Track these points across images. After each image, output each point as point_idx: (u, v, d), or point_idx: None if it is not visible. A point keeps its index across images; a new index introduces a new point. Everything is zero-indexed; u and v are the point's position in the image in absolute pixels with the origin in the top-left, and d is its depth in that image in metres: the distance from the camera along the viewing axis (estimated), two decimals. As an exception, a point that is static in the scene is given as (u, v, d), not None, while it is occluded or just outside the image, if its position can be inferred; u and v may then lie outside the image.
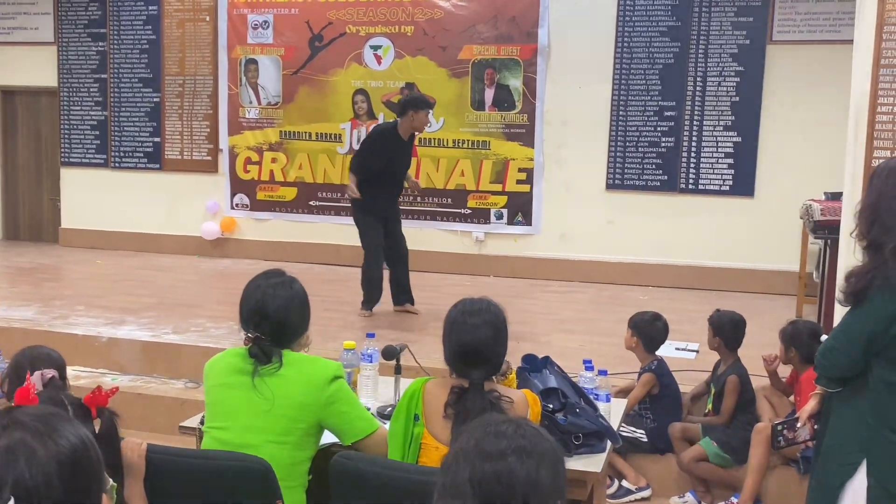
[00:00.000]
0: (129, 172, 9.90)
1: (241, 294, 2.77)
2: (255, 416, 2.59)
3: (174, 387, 5.59)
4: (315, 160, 9.24)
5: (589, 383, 3.13)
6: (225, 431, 2.63)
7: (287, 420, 2.60)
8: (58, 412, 1.51)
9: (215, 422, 2.67)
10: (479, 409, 2.48)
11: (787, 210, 7.81)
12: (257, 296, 2.71)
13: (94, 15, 9.86)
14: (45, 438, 1.40)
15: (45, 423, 1.43)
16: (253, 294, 2.73)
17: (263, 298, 2.70)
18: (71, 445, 1.43)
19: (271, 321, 2.67)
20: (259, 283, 2.75)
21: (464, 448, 1.53)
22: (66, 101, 10.06)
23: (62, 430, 1.43)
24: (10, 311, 6.61)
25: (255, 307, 2.69)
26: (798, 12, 7.90)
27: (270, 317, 2.68)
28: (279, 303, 2.70)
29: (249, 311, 2.71)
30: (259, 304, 2.69)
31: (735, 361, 4.50)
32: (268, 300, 2.70)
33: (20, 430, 1.41)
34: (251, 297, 2.72)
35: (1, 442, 1.39)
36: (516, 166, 8.77)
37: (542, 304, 7.46)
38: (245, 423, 2.61)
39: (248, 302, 2.73)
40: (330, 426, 2.68)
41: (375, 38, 8.95)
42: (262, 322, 2.67)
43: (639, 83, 8.38)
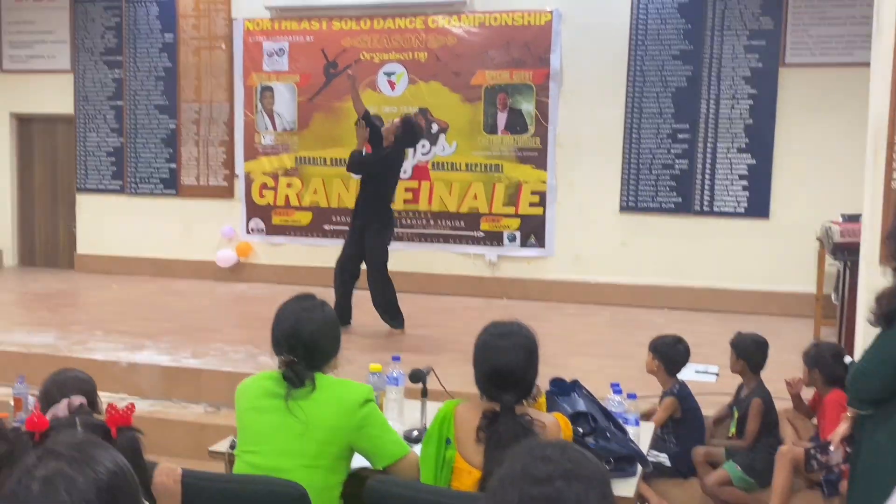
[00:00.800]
0: (144, 198, 9.96)
1: (274, 318, 2.78)
2: (288, 440, 2.61)
3: (194, 411, 5.61)
4: (329, 185, 9.29)
5: (617, 407, 3.13)
6: (257, 455, 2.64)
7: (319, 444, 2.61)
8: (91, 439, 1.50)
9: (247, 446, 2.68)
10: (511, 433, 2.49)
11: (802, 232, 7.82)
12: (291, 319, 2.73)
13: (110, 43, 9.97)
14: (82, 466, 1.40)
15: (81, 450, 1.42)
16: (286, 318, 2.74)
17: (297, 322, 2.72)
18: (109, 472, 1.42)
19: (305, 344, 2.69)
20: (292, 307, 2.77)
21: (510, 473, 1.53)
22: (83, 127, 10.15)
23: (99, 456, 1.43)
24: (29, 336, 6.65)
25: (289, 331, 2.71)
26: (810, 35, 7.95)
27: (304, 340, 2.69)
28: (312, 326, 2.72)
29: (283, 334, 2.72)
30: (293, 327, 2.71)
31: (758, 384, 4.49)
32: (301, 324, 2.72)
33: (56, 459, 1.39)
34: (285, 321, 2.74)
35: (38, 472, 1.38)
36: (529, 189, 8.80)
37: (558, 326, 7.46)
38: (277, 447, 2.62)
39: (281, 325, 2.74)
40: (361, 450, 2.69)
41: (389, 64, 9.03)
42: (295, 345, 2.69)
43: (652, 106, 8.42)
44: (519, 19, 8.65)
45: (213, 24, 9.55)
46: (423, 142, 9.00)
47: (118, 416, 2.21)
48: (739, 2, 8.11)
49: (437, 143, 8.99)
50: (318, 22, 9.18)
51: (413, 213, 9.10)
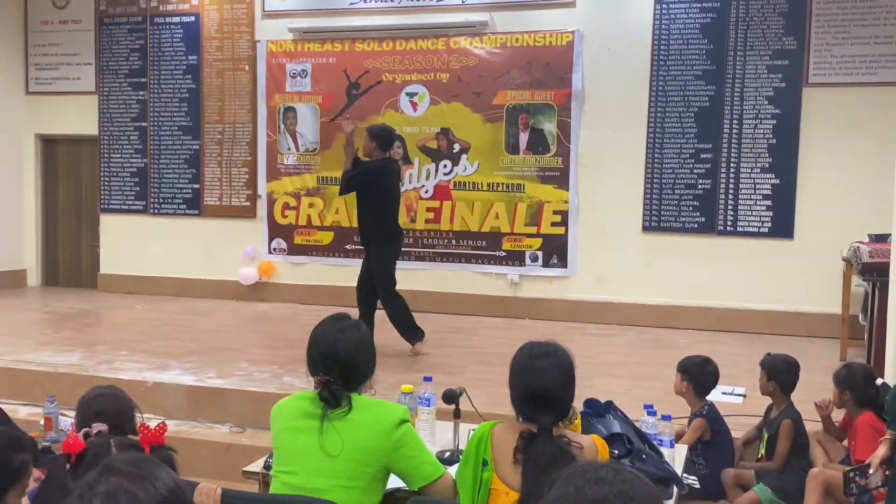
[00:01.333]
0: (167, 218, 10.04)
1: (310, 338, 2.78)
2: (324, 461, 2.60)
3: (219, 431, 5.61)
4: (351, 205, 9.25)
5: (652, 428, 3.11)
6: (294, 476, 2.64)
7: (355, 464, 2.60)
8: (148, 457, 1.53)
9: (284, 466, 2.68)
10: (549, 455, 2.48)
11: (827, 252, 7.78)
12: (328, 339, 2.73)
13: (134, 65, 10.09)
14: (143, 482, 1.43)
15: (140, 467, 1.46)
16: (323, 338, 2.74)
17: (335, 342, 2.72)
18: (168, 489, 1.45)
19: (342, 364, 2.69)
20: (328, 327, 2.77)
21: (564, 495, 1.52)
22: (107, 148, 10.26)
23: (158, 473, 1.46)
24: (55, 356, 6.68)
25: (327, 351, 2.71)
26: (834, 55, 7.93)
27: (341, 360, 2.69)
28: (349, 346, 2.72)
29: (320, 354, 2.72)
30: (330, 347, 2.71)
31: (789, 405, 4.45)
32: (339, 344, 2.72)
33: (116, 475, 1.43)
34: (322, 341, 2.74)
35: (100, 488, 1.41)
36: (551, 209, 8.80)
37: (581, 347, 7.36)
38: (313, 468, 2.61)
39: (318, 346, 2.74)
40: (397, 470, 2.68)
41: (411, 85, 9.08)
42: (333, 365, 2.69)
43: (674, 126, 8.42)
44: (540, 40, 8.69)
45: (237, 46, 9.65)
46: (445, 161, 9.05)
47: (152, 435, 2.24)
48: (762, 22, 8.11)
49: (458, 162, 9.02)
50: (341, 43, 9.26)
51: (435, 232, 9.12)
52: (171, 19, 9.91)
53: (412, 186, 9.14)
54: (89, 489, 1.41)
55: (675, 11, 8.35)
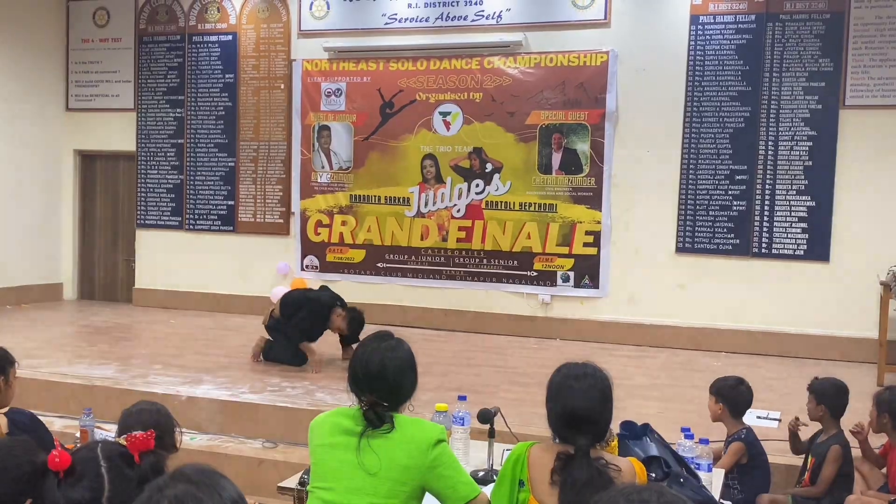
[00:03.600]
0: (202, 234, 10.15)
1: (354, 357, 2.78)
2: (361, 478, 2.60)
3: (251, 446, 5.64)
4: (384, 223, 9.38)
5: (689, 452, 3.08)
6: (330, 492, 2.64)
7: (392, 482, 2.60)
8: (214, 469, 1.56)
9: (320, 482, 2.68)
10: (587, 476, 2.47)
11: (863, 275, 7.69)
12: (375, 359, 2.73)
13: (172, 83, 10.25)
14: (210, 490, 1.48)
15: (208, 476, 1.51)
16: (370, 358, 2.74)
17: (382, 361, 2.72)
18: (232, 498, 1.51)
19: (389, 384, 2.69)
20: (375, 347, 2.77)
21: (607, 516, 1.52)
22: (144, 164, 10.41)
23: (223, 483, 1.51)
24: (91, 369, 6.77)
25: (374, 371, 2.70)
26: (871, 77, 7.86)
27: (389, 380, 2.69)
28: (396, 364, 2.73)
29: (366, 374, 2.71)
30: (378, 367, 2.71)
31: (839, 431, 4.37)
32: (386, 363, 2.72)
33: (185, 482, 1.48)
34: (369, 361, 2.74)
35: (168, 492, 1.47)
36: (583, 229, 8.78)
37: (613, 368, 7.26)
38: (350, 485, 2.62)
39: (365, 365, 2.74)
40: (433, 490, 2.67)
41: (445, 104, 9.13)
42: (380, 385, 2.69)
43: (709, 147, 8.38)
44: (575, 60, 8.70)
45: (273, 65, 9.77)
46: (478, 181, 9.08)
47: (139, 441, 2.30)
48: (798, 44, 8.07)
49: (491, 182, 9.04)
50: (375, 63, 9.34)
51: (466, 251, 9.14)
52: (209, 38, 10.06)
53: (444, 205, 9.18)
54: (158, 491, 1.47)
55: (711, 32, 8.33)
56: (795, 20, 8.09)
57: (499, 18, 8.97)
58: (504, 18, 8.95)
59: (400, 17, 9.29)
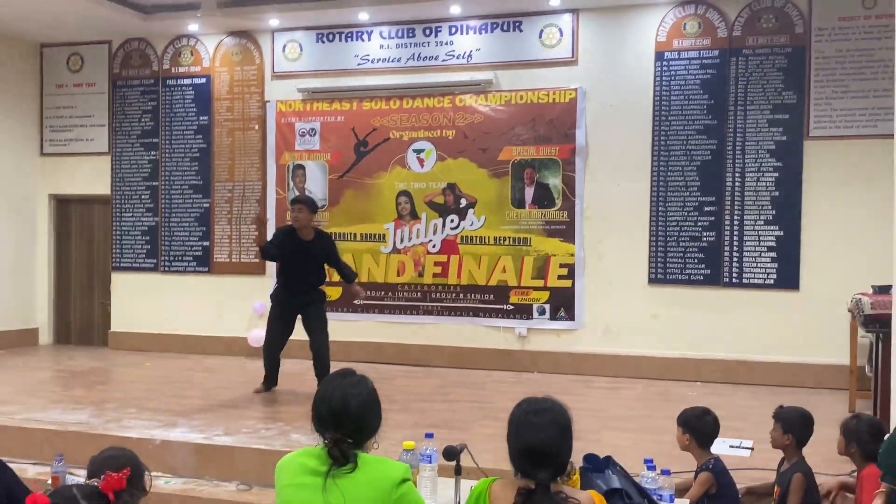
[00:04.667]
0: (178, 276, 10.15)
1: (317, 395, 2.80)
2: (327, 519, 2.62)
3: (226, 489, 5.61)
4: (359, 259, 9.42)
5: (652, 483, 3.11)
6: (296, 534, 2.66)
7: (356, 523, 2.62)
8: None
9: (286, 524, 2.70)
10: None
11: (833, 303, 7.78)
12: (337, 396, 2.74)
13: (146, 126, 10.30)
14: None
15: None
16: (332, 394, 2.76)
17: (344, 398, 2.73)
18: None
19: (353, 421, 2.71)
20: (338, 384, 2.79)
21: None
22: (119, 207, 10.42)
23: None
24: (64, 414, 6.72)
25: (337, 408, 2.71)
26: (834, 108, 8.04)
27: (352, 417, 2.70)
28: (359, 402, 2.74)
29: (330, 412, 2.72)
30: (340, 404, 2.72)
31: (800, 459, 4.42)
32: (349, 400, 2.73)
33: None
34: (331, 398, 2.75)
35: None
36: (557, 262, 8.87)
37: (589, 400, 7.42)
38: (316, 526, 2.63)
39: (327, 403, 2.75)
40: (398, 529, 2.69)
41: (418, 142, 9.24)
42: (344, 422, 2.70)
43: (677, 179, 8.51)
44: (544, 97, 8.85)
45: (247, 107, 9.86)
46: (452, 216, 9.15)
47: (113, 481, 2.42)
48: (762, 77, 8.25)
49: (465, 217, 9.12)
50: (349, 102, 9.45)
51: (442, 286, 9.19)
52: (183, 81, 10.14)
53: (420, 241, 9.25)
54: None
55: (676, 68, 8.50)
56: (758, 54, 8.28)
57: (469, 58, 9.11)
58: (474, 58, 9.10)
59: (372, 57, 9.42)
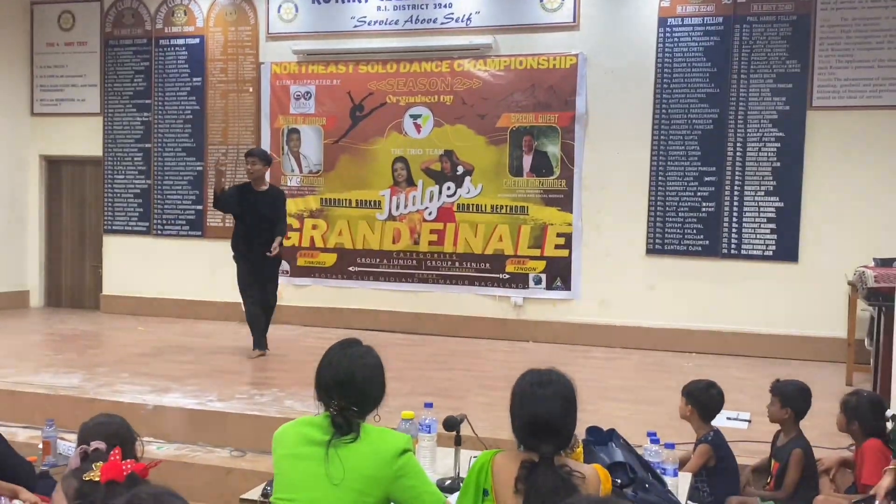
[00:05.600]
0: (170, 240, 10.04)
1: (321, 364, 2.74)
2: (325, 489, 2.57)
3: (219, 455, 5.55)
4: (355, 226, 9.33)
5: (655, 456, 3.06)
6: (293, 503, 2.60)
7: (356, 493, 2.57)
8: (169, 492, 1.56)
9: (284, 493, 2.64)
10: (551, 484, 2.44)
11: (832, 275, 7.75)
12: (344, 364, 2.70)
13: (139, 86, 10.13)
14: None
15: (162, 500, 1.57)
16: (339, 363, 2.71)
17: (351, 367, 2.69)
18: None
19: (358, 389, 2.66)
20: (345, 352, 2.75)
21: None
22: (111, 169, 10.28)
23: None
24: (56, 378, 6.65)
25: (343, 377, 2.67)
26: (838, 78, 7.93)
27: (357, 385, 2.67)
28: (366, 372, 2.70)
29: (336, 380, 2.68)
30: (347, 373, 2.68)
31: (798, 433, 4.39)
32: (355, 369, 2.69)
33: None
34: (337, 366, 2.70)
35: None
36: (555, 231, 8.79)
37: (585, 370, 7.38)
38: (314, 496, 2.58)
39: (332, 371, 2.70)
40: (397, 500, 2.64)
41: (415, 107, 9.10)
42: (349, 391, 2.65)
43: (678, 149, 8.41)
44: (544, 63, 8.71)
45: (241, 68, 9.69)
46: (449, 184, 9.05)
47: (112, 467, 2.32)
48: (766, 46, 8.12)
49: (462, 184, 9.02)
50: (345, 66, 9.29)
51: (438, 254, 9.11)
52: (176, 41, 9.96)
53: (416, 208, 9.15)
54: None
55: (679, 34, 8.37)
56: (762, 22, 8.15)
57: (468, 21, 8.95)
58: (473, 21, 8.94)
59: (369, 19, 9.24)
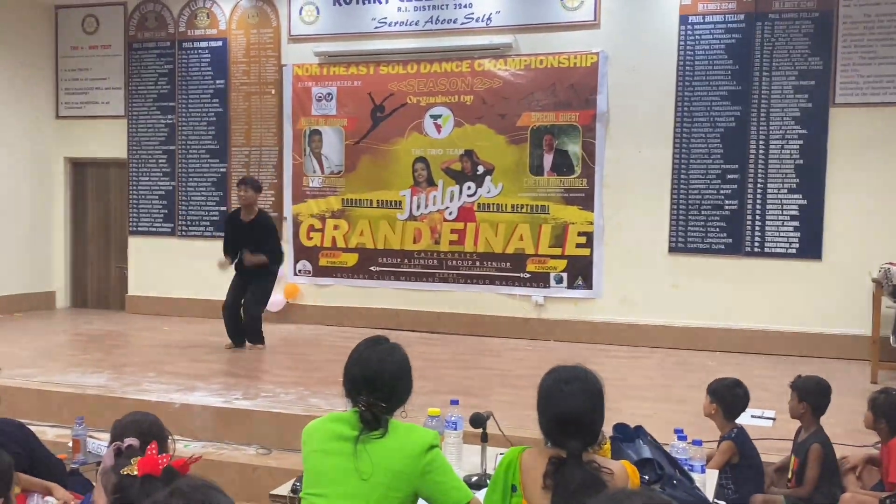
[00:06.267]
0: (194, 240, 10.12)
1: (350, 361, 2.77)
2: (354, 484, 2.60)
3: (246, 453, 5.62)
4: (376, 226, 9.38)
5: (682, 453, 3.08)
6: (323, 499, 2.63)
7: (384, 488, 2.59)
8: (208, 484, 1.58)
9: (313, 488, 2.68)
10: (579, 480, 2.45)
11: (856, 272, 7.71)
12: (373, 360, 2.73)
13: (163, 89, 10.23)
14: None
15: (203, 492, 1.55)
16: (368, 359, 2.74)
17: (381, 363, 2.72)
18: None
19: (387, 385, 2.69)
20: (373, 349, 2.78)
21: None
22: (135, 171, 10.39)
23: (218, 498, 1.57)
24: (83, 377, 6.74)
25: (371, 373, 2.70)
26: (861, 75, 7.88)
27: (386, 381, 2.70)
28: (394, 368, 2.74)
29: (364, 376, 2.71)
30: (375, 369, 2.71)
31: (818, 429, 4.38)
32: (385, 365, 2.72)
33: (183, 498, 1.54)
34: (366, 362, 2.73)
35: None
36: (576, 230, 8.79)
37: (608, 369, 7.30)
38: (343, 491, 2.61)
39: (361, 367, 2.73)
40: (425, 495, 2.67)
41: (436, 107, 9.13)
42: (378, 387, 2.68)
43: (700, 146, 8.39)
44: (565, 61, 8.71)
45: (264, 70, 9.76)
46: (469, 183, 9.08)
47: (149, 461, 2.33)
48: (788, 43, 8.09)
49: (482, 184, 9.04)
50: (366, 67, 9.34)
51: (459, 254, 9.13)
52: (199, 44, 10.05)
53: (436, 208, 9.18)
54: None
55: (700, 32, 8.34)
56: (784, 19, 8.11)
57: (488, 21, 8.97)
58: (494, 21, 8.96)
59: (390, 20, 9.29)
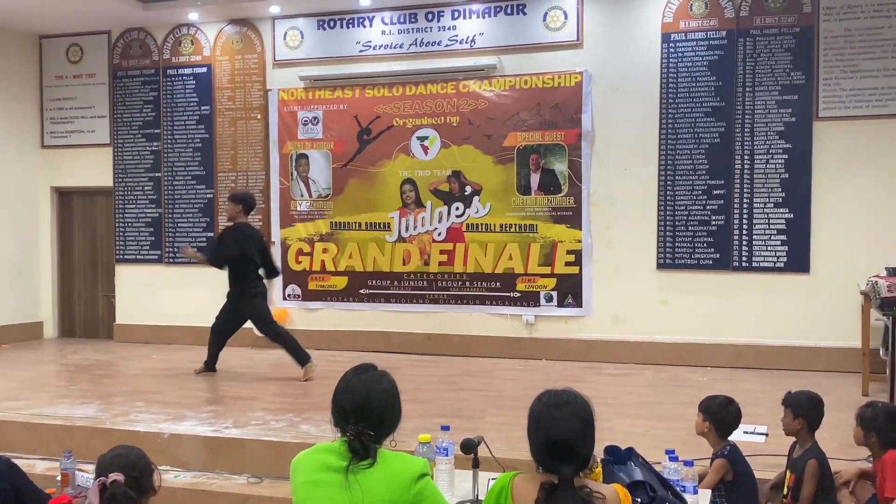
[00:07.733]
0: (182, 267, 10.08)
1: (337, 390, 2.74)
2: (345, 516, 2.57)
3: (236, 482, 5.56)
4: (365, 249, 9.36)
5: (674, 474, 3.06)
6: (314, 532, 2.60)
7: (375, 519, 2.57)
8: None
9: (303, 521, 2.65)
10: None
11: (844, 285, 7.74)
12: (360, 389, 2.69)
13: (148, 116, 10.22)
14: None
15: None
16: (355, 388, 2.71)
17: (368, 391, 2.69)
18: None
19: (375, 414, 2.66)
20: (360, 377, 2.74)
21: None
22: (122, 199, 10.35)
23: None
24: (72, 408, 6.68)
25: (359, 402, 2.67)
26: (843, 89, 7.95)
27: (375, 410, 2.67)
28: (383, 396, 2.71)
29: (352, 405, 2.67)
30: (363, 398, 2.67)
31: (813, 444, 4.37)
32: (372, 393, 2.69)
33: None
34: (353, 392, 2.70)
35: None
36: (564, 248, 8.80)
37: (599, 387, 7.36)
38: (334, 523, 2.58)
39: (349, 396, 2.70)
40: (417, 525, 2.64)
41: (422, 129, 9.15)
42: (366, 416, 2.65)
43: (685, 163, 8.42)
44: (549, 81, 8.76)
45: (249, 96, 9.77)
46: (457, 204, 9.08)
47: None
48: (770, 58, 8.15)
49: (470, 204, 9.05)
50: (351, 90, 9.36)
51: (449, 275, 9.13)
52: (184, 71, 10.05)
53: (425, 230, 9.18)
54: None
55: (683, 49, 8.40)
56: (766, 35, 8.18)
57: (472, 43, 9.02)
58: (478, 42, 9.00)
59: (374, 44, 9.32)
